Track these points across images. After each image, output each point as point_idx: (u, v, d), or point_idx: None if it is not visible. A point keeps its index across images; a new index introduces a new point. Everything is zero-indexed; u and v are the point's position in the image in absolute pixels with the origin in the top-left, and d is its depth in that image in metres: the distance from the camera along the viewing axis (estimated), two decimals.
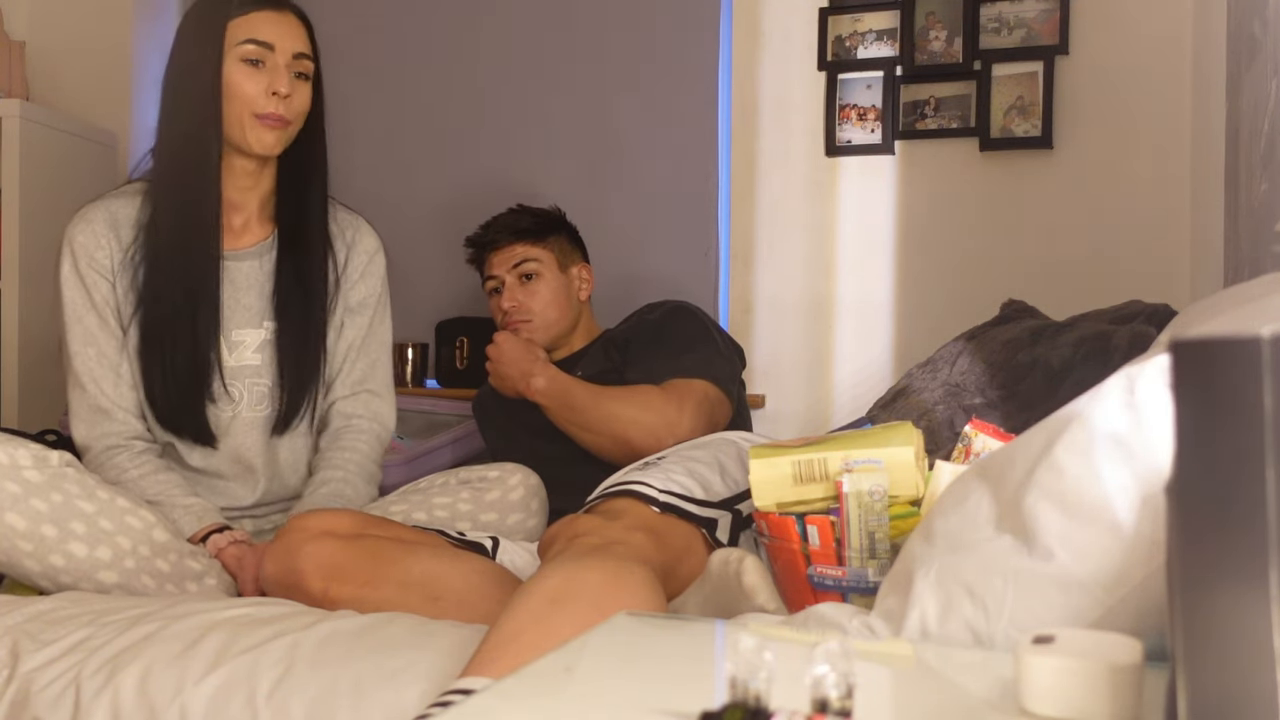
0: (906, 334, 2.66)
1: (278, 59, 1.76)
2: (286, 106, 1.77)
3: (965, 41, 2.60)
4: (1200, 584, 0.50)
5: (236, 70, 1.75)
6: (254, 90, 1.75)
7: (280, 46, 1.77)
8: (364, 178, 2.78)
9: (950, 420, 1.78)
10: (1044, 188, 2.58)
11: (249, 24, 1.76)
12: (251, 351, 1.84)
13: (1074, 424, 0.83)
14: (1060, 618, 0.80)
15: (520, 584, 1.27)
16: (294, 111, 1.79)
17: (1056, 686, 0.64)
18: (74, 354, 1.79)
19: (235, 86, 1.75)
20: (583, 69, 2.91)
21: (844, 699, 0.59)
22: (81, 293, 1.79)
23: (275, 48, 1.76)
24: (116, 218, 1.81)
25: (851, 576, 1.18)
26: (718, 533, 1.47)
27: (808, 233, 2.76)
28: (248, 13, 1.77)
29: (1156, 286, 2.19)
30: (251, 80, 1.75)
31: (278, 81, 1.75)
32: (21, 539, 1.53)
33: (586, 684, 0.74)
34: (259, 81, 1.75)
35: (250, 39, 1.75)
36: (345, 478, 1.84)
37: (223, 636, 1.25)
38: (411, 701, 1.13)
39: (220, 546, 1.69)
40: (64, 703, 1.23)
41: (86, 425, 1.79)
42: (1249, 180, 1.69)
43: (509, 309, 2.24)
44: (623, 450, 1.93)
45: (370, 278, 1.95)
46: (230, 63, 1.75)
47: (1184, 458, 0.51)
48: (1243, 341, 0.48)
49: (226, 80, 1.75)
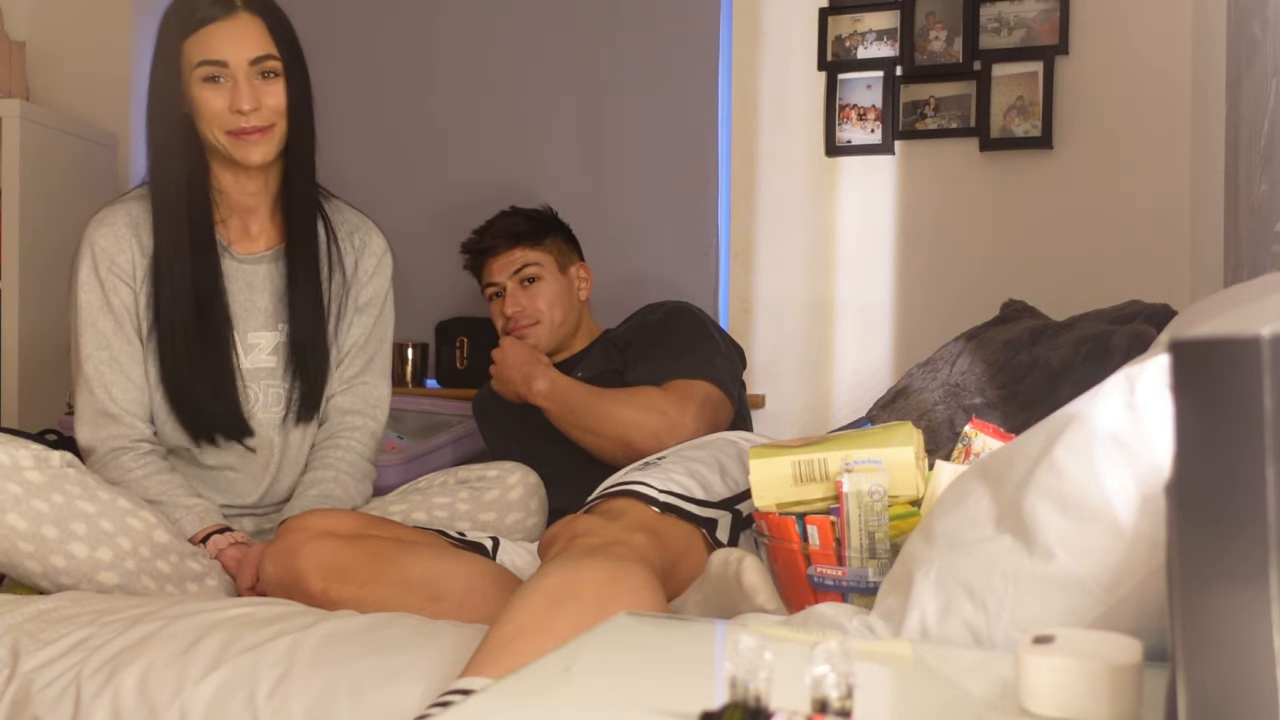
0: (906, 334, 2.66)
1: (234, 72, 1.74)
2: (257, 116, 1.75)
3: (965, 41, 2.60)
4: (1200, 584, 0.50)
5: (199, 90, 1.74)
6: (219, 108, 1.74)
7: (235, 59, 1.73)
8: (364, 178, 2.78)
9: (950, 420, 1.78)
10: (1044, 188, 2.58)
11: (200, 43, 1.73)
12: (267, 354, 1.85)
13: (1074, 424, 0.83)
14: (1060, 618, 0.80)
15: (520, 584, 1.27)
16: (267, 115, 1.76)
17: (1056, 686, 0.64)
18: (86, 357, 1.79)
19: (202, 105, 1.75)
20: (583, 69, 2.90)
21: (844, 699, 0.59)
22: (99, 296, 1.79)
23: (229, 62, 1.73)
24: (138, 221, 1.81)
25: (851, 576, 1.18)
26: (718, 533, 1.47)
27: (808, 233, 2.76)
28: (199, 29, 1.74)
29: (1156, 286, 2.19)
30: (215, 98, 1.74)
31: (238, 99, 1.73)
32: (22, 540, 1.53)
33: (586, 684, 0.74)
34: (222, 98, 1.74)
35: (203, 60, 1.73)
36: (335, 477, 1.84)
37: (223, 636, 1.25)
38: (411, 701, 1.13)
39: (221, 548, 1.69)
40: (64, 702, 1.23)
41: (91, 428, 1.79)
42: (1249, 180, 1.69)
43: (513, 314, 2.23)
44: (624, 451, 1.93)
45: (379, 278, 1.96)
46: (193, 85, 1.75)
47: (1184, 458, 0.51)
48: (1243, 341, 0.48)
49: (193, 101, 1.75)
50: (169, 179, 1.80)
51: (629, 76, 2.86)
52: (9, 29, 3.04)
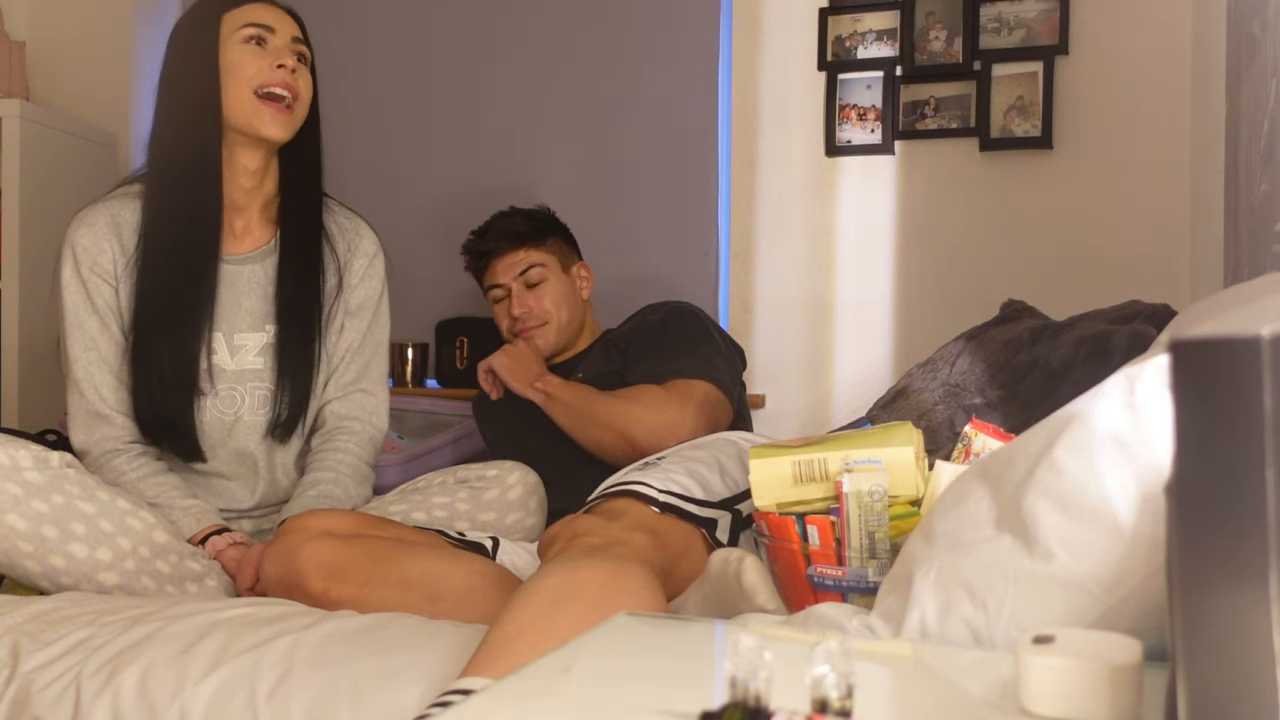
0: (906, 334, 2.66)
1: (279, 39, 1.79)
2: (294, 78, 1.77)
3: (965, 41, 2.60)
4: (1200, 584, 0.50)
5: (237, 51, 1.76)
6: (257, 66, 1.75)
7: (280, 30, 1.80)
8: (364, 178, 2.78)
9: (950, 420, 1.78)
10: (1044, 188, 2.58)
11: (246, 12, 1.79)
12: (253, 355, 1.84)
13: (1074, 424, 0.83)
14: (1060, 618, 0.80)
15: (520, 584, 1.27)
16: (299, 88, 1.79)
17: (1056, 686, 0.64)
18: (74, 359, 1.78)
19: (237, 66, 1.75)
20: (583, 68, 2.91)
21: (844, 699, 0.59)
22: (83, 297, 1.78)
23: (276, 30, 1.79)
24: (119, 221, 1.80)
25: (851, 576, 1.18)
26: (718, 533, 1.47)
27: (808, 233, 2.76)
28: (241, 5, 1.79)
29: (1156, 286, 2.19)
30: (255, 58, 1.76)
31: (283, 55, 1.77)
32: (22, 540, 1.52)
33: (586, 684, 0.74)
34: (262, 58, 1.76)
35: (250, 22, 1.77)
36: (335, 479, 1.83)
37: (223, 636, 1.25)
38: (411, 701, 1.13)
39: (220, 548, 1.68)
40: (64, 703, 1.22)
41: (85, 430, 1.78)
42: (1249, 180, 1.69)
43: (520, 315, 2.22)
44: (624, 448, 1.93)
45: (371, 280, 1.94)
46: (230, 47, 1.76)
47: (1184, 458, 0.51)
48: (1243, 341, 0.48)
49: (227, 63, 1.76)
50: (174, 168, 1.80)
51: (629, 76, 2.86)
52: (9, 29, 3.04)
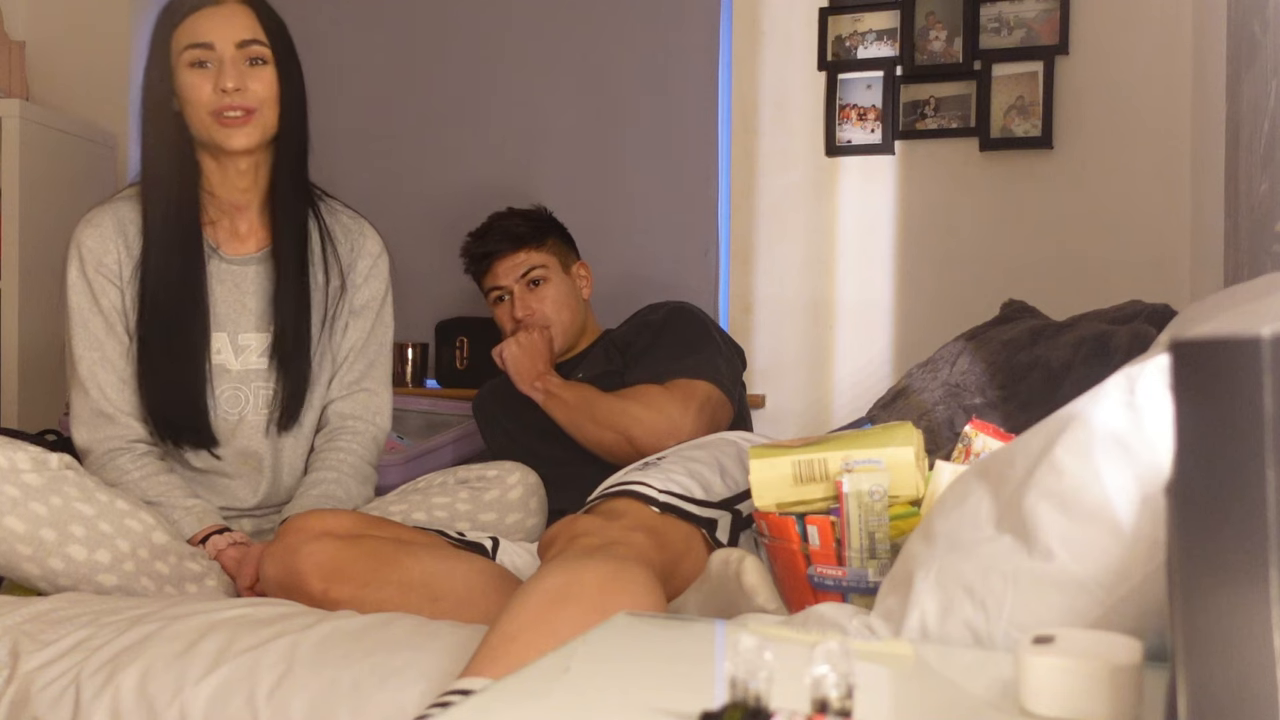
0: (906, 334, 2.66)
1: (220, 54, 1.75)
2: (240, 96, 1.75)
3: (965, 41, 2.60)
4: (1200, 584, 0.50)
5: (185, 76, 1.76)
6: (204, 91, 1.75)
7: (220, 41, 1.75)
8: (364, 178, 2.78)
9: (950, 420, 1.77)
10: (1044, 188, 2.58)
11: (188, 29, 1.76)
12: (257, 355, 1.84)
13: (1074, 424, 0.83)
14: (1060, 618, 0.80)
15: (520, 584, 1.27)
16: (253, 99, 1.76)
17: (1056, 686, 0.64)
18: (79, 358, 1.79)
19: (188, 92, 1.76)
20: (583, 68, 2.90)
21: (844, 699, 0.59)
22: (88, 297, 1.79)
23: (215, 45, 1.75)
24: (125, 223, 1.81)
25: (851, 576, 1.18)
26: (718, 533, 1.47)
27: (808, 233, 2.76)
28: (187, 16, 1.76)
29: (1156, 286, 2.18)
30: (201, 82, 1.75)
31: (223, 78, 1.74)
32: (21, 542, 1.52)
33: (586, 684, 0.74)
34: (207, 80, 1.75)
35: (190, 44, 1.75)
36: (338, 479, 1.83)
37: (223, 636, 1.25)
38: (411, 701, 1.13)
39: (220, 548, 1.68)
40: (64, 703, 1.22)
41: (88, 429, 1.79)
42: (1249, 180, 1.69)
43: (522, 317, 2.22)
44: (625, 447, 1.93)
45: (374, 281, 1.94)
46: (180, 72, 1.76)
47: (1184, 458, 0.51)
48: (1243, 341, 0.48)
49: (180, 87, 1.76)
50: (159, 178, 1.81)
51: (629, 76, 2.86)
52: (9, 29, 3.05)
